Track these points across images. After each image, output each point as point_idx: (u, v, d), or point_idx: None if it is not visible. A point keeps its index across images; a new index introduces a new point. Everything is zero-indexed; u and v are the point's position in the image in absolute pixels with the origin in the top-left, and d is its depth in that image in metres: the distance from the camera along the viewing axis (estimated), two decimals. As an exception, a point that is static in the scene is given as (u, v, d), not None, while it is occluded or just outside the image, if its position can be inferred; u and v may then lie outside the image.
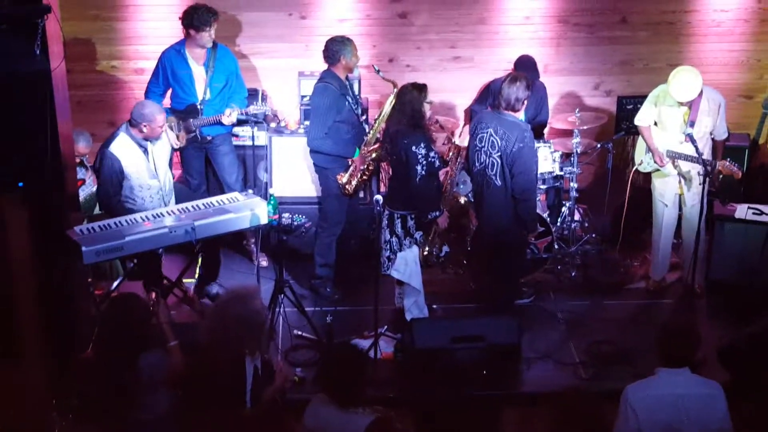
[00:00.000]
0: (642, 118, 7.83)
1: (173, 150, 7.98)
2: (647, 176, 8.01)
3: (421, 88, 7.08)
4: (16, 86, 5.56)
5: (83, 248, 6.45)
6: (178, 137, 7.93)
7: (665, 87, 7.51)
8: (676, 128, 7.58)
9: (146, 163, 7.29)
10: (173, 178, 7.69)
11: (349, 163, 7.60)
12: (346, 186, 7.64)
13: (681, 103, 7.49)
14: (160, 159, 7.40)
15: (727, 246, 7.78)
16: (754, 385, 5.91)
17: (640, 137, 7.94)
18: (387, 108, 7.52)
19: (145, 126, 7.17)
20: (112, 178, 7.18)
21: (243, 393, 5.12)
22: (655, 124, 7.76)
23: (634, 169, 8.06)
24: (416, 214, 7.18)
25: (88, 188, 7.76)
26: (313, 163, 7.81)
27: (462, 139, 8.04)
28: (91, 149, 7.88)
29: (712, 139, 7.69)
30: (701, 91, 7.47)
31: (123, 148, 7.19)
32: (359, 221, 8.18)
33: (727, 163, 7.51)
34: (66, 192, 6.75)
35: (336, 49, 7.52)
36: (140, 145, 7.24)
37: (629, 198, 8.14)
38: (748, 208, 7.75)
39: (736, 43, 9.12)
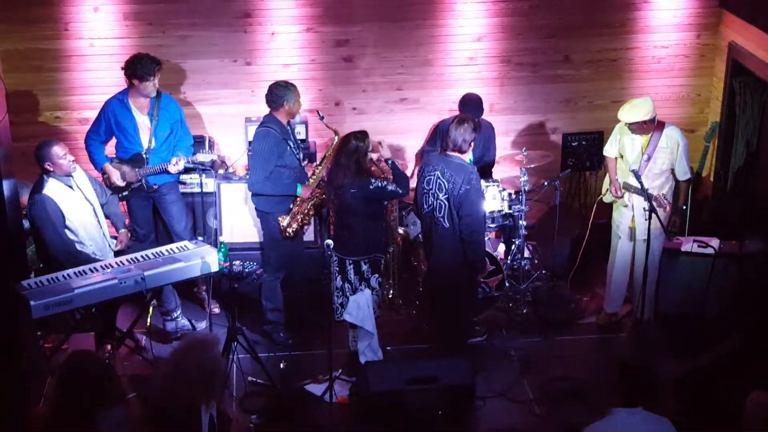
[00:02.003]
0: (607, 149, 8.04)
1: (120, 198, 7.94)
2: (605, 210, 8.17)
3: (364, 137, 7.15)
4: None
5: (32, 302, 6.35)
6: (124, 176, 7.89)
7: None
8: (634, 160, 7.71)
9: (80, 197, 7.26)
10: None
11: (291, 206, 7.60)
12: (287, 229, 7.62)
13: (630, 128, 7.61)
14: (85, 187, 7.37)
15: (674, 279, 7.86)
16: (706, 415, 5.97)
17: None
18: (329, 154, 7.59)
19: (49, 165, 7.11)
20: (56, 222, 7.07)
21: (199, 444, 5.08)
22: (621, 157, 7.90)
23: (598, 199, 8.25)
24: (369, 259, 7.21)
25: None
26: (255, 208, 7.80)
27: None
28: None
29: (675, 180, 7.84)
30: (661, 126, 7.64)
31: (55, 190, 7.12)
32: (309, 265, 8.16)
33: (661, 196, 7.62)
34: (12, 245, 6.68)
35: (280, 94, 7.53)
36: (67, 184, 7.20)
37: (586, 230, 8.33)
38: (694, 241, 7.85)
39: (676, 78, 9.29)
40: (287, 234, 7.63)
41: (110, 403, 5.06)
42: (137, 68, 7.67)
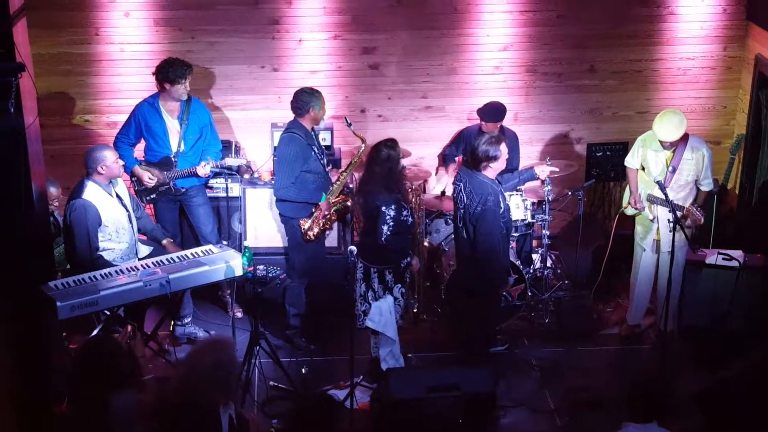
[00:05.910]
0: (629, 161, 8.01)
1: (147, 201, 8.01)
2: (628, 221, 8.17)
3: (394, 145, 7.17)
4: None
5: (58, 303, 6.39)
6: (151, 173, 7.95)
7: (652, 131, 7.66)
8: (659, 172, 7.70)
9: (119, 205, 7.33)
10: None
11: (313, 210, 7.62)
12: (308, 232, 7.65)
13: (663, 145, 7.61)
14: (124, 197, 7.46)
15: (698, 292, 7.81)
16: (729, 430, 5.94)
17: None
18: (355, 161, 7.62)
19: (102, 168, 7.19)
20: (89, 229, 7.12)
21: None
22: (643, 168, 7.89)
23: (620, 211, 8.24)
24: (393, 268, 7.22)
25: (62, 242, 7.75)
26: (279, 213, 7.84)
27: (439, 179, 8.33)
28: (60, 201, 7.87)
29: (699, 190, 7.82)
30: (686, 138, 7.62)
31: (95, 195, 7.19)
32: (332, 271, 8.19)
33: (693, 208, 7.61)
34: (40, 247, 6.73)
35: (305, 100, 7.58)
36: (107, 191, 7.27)
37: (609, 241, 8.34)
38: (718, 253, 7.82)
39: (702, 90, 9.27)
40: (308, 237, 7.65)
41: (123, 384, 5.10)
42: (169, 71, 7.77)
